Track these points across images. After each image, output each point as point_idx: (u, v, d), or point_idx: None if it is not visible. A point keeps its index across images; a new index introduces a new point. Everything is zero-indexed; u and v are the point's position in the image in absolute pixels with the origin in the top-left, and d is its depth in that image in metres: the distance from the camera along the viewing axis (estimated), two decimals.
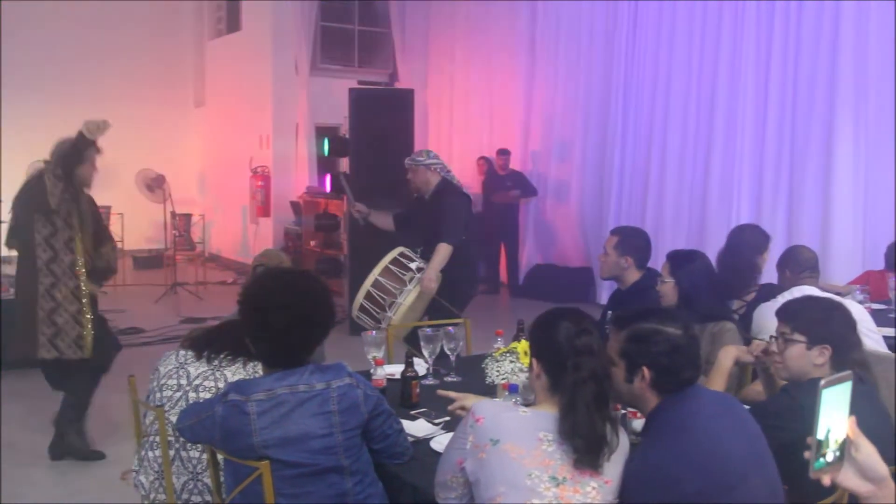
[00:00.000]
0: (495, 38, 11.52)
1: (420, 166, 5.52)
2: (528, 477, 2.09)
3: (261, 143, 12.30)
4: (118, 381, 5.69)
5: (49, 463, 4.91)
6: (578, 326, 2.23)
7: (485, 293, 10.74)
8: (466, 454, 2.19)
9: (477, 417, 2.20)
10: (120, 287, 11.01)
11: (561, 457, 2.12)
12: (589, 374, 2.16)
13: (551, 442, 2.14)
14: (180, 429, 2.57)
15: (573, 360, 2.18)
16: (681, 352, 2.22)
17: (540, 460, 2.11)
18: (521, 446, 2.13)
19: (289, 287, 2.48)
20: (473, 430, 2.19)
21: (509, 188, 10.48)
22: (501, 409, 2.24)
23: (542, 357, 2.28)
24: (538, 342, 2.31)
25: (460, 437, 2.24)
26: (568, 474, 2.11)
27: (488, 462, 2.13)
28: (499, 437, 2.14)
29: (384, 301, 4.98)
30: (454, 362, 3.61)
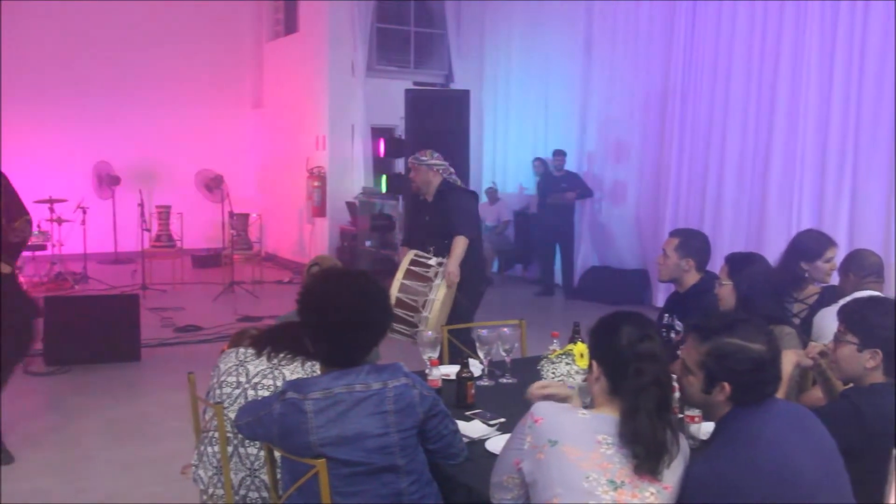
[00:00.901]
0: (551, 38, 11.47)
1: (422, 166, 5.56)
2: (586, 479, 2.08)
3: (317, 144, 12.41)
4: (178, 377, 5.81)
5: (112, 455, 5.01)
6: (641, 331, 2.21)
7: (539, 295, 10.72)
8: (524, 455, 2.18)
9: (536, 418, 2.19)
10: (179, 285, 11.21)
11: (620, 460, 2.10)
12: (651, 380, 2.14)
13: (610, 445, 2.12)
14: (239, 426, 2.60)
15: (635, 365, 2.16)
16: (764, 369, 2.18)
17: (598, 463, 2.10)
18: (579, 448, 2.11)
19: (348, 288, 2.50)
20: (532, 430, 2.18)
21: (564, 190, 10.41)
22: (560, 411, 2.24)
23: (603, 360, 2.25)
24: (599, 345, 2.29)
25: (518, 437, 2.23)
26: (626, 478, 2.09)
27: (546, 463, 2.12)
28: (557, 438, 2.13)
29: (416, 302, 4.98)
30: (509, 364, 3.61)
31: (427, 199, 5.62)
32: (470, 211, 5.48)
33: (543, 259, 11.03)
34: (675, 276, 4.02)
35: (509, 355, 3.58)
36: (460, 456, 2.61)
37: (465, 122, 8.64)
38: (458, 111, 8.62)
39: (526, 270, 12.29)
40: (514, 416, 2.97)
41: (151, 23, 13.75)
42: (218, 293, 10.44)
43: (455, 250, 5.24)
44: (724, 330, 2.21)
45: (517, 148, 12.29)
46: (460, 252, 5.24)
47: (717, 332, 2.22)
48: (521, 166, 12.18)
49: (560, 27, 11.31)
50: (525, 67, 12.06)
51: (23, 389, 6.39)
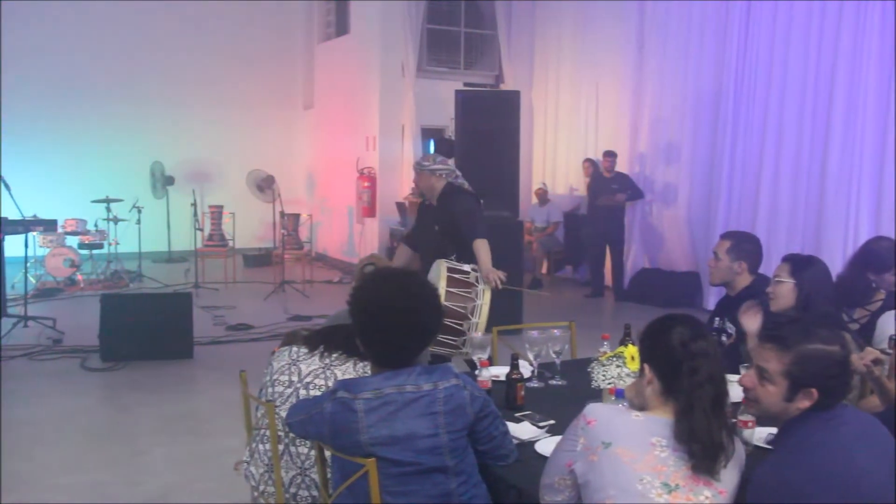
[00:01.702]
0: (602, 38, 11.40)
1: (424, 171, 5.48)
2: (640, 482, 2.07)
3: (367, 145, 12.48)
4: (230, 375, 5.90)
5: (166, 451, 5.09)
6: (693, 331, 2.21)
7: (589, 296, 10.66)
8: (576, 456, 2.18)
9: (588, 420, 2.18)
10: (231, 284, 11.35)
11: (675, 463, 2.09)
12: (706, 378, 2.14)
13: (664, 447, 2.11)
14: (290, 424, 2.62)
15: (688, 363, 2.15)
16: (846, 372, 2.18)
17: (652, 465, 2.09)
18: (632, 450, 2.10)
19: (401, 289, 2.50)
20: (585, 432, 2.18)
21: (615, 191, 10.34)
22: (614, 413, 2.23)
23: (655, 362, 2.24)
24: (651, 347, 2.28)
25: (570, 438, 2.23)
26: (681, 481, 2.08)
27: (599, 465, 2.12)
28: (611, 440, 2.13)
29: (464, 309, 4.91)
30: (559, 365, 3.59)
31: (432, 204, 5.57)
32: (475, 212, 5.44)
33: (593, 261, 10.96)
34: (726, 279, 3.97)
35: (559, 357, 3.57)
36: (510, 457, 2.61)
37: (515, 122, 8.61)
38: (509, 112, 8.59)
39: (576, 272, 12.23)
40: (563, 419, 2.96)
41: (205, 25, 13.97)
42: (269, 292, 10.55)
43: (481, 255, 5.21)
44: (804, 336, 2.19)
45: (567, 149, 12.24)
46: (487, 254, 5.20)
47: (799, 339, 2.19)
48: (571, 167, 12.13)
49: (611, 27, 11.23)
50: (575, 68, 12.00)
51: (80, 385, 6.55)
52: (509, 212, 8.55)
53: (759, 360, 2.26)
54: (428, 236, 5.54)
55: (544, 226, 11.84)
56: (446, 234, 5.39)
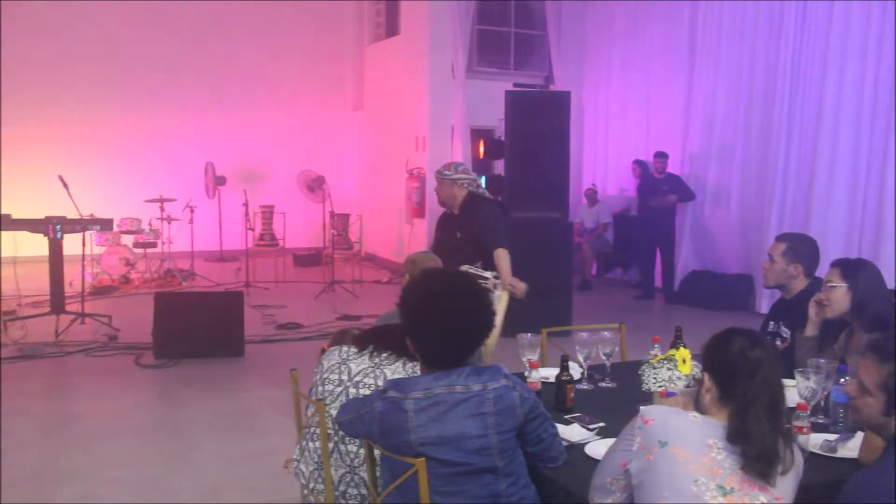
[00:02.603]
0: (654, 38, 11.30)
1: (446, 180, 5.46)
2: (695, 483, 2.06)
3: (417, 145, 12.52)
4: (280, 373, 5.96)
5: (217, 447, 5.16)
6: (751, 340, 2.23)
7: (639, 298, 10.57)
8: (632, 456, 2.18)
9: (646, 419, 2.19)
10: (281, 283, 11.46)
11: (730, 466, 2.08)
12: (762, 381, 2.15)
13: (721, 450, 2.10)
14: (340, 423, 2.64)
15: (745, 368, 2.17)
16: None
17: (708, 468, 2.08)
18: (689, 451, 2.10)
19: (453, 289, 2.51)
20: (641, 431, 2.18)
21: (666, 192, 10.24)
22: (671, 413, 2.24)
23: (714, 369, 2.26)
24: (711, 355, 2.29)
25: (626, 438, 2.23)
26: (737, 485, 2.06)
27: (655, 465, 2.12)
28: (667, 439, 2.13)
29: None
30: (609, 368, 3.57)
31: (454, 213, 5.56)
32: (498, 221, 5.44)
33: (643, 262, 10.87)
34: (781, 282, 3.90)
35: (609, 359, 3.54)
36: (559, 459, 2.60)
37: (565, 123, 8.56)
38: (559, 112, 8.54)
39: (625, 273, 12.14)
40: (613, 421, 2.95)
41: (256, 26, 14.14)
42: (318, 292, 10.63)
43: (502, 264, 5.25)
44: None
45: (618, 150, 12.16)
46: (508, 263, 5.25)
47: None
48: (621, 168, 12.04)
49: (663, 27, 11.14)
50: (626, 68, 11.92)
51: (134, 381, 6.67)
52: (559, 213, 8.51)
53: (859, 371, 2.24)
54: (450, 245, 5.55)
55: (594, 227, 11.77)
56: (469, 243, 5.39)
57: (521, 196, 8.45)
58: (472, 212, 5.41)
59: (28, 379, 6.65)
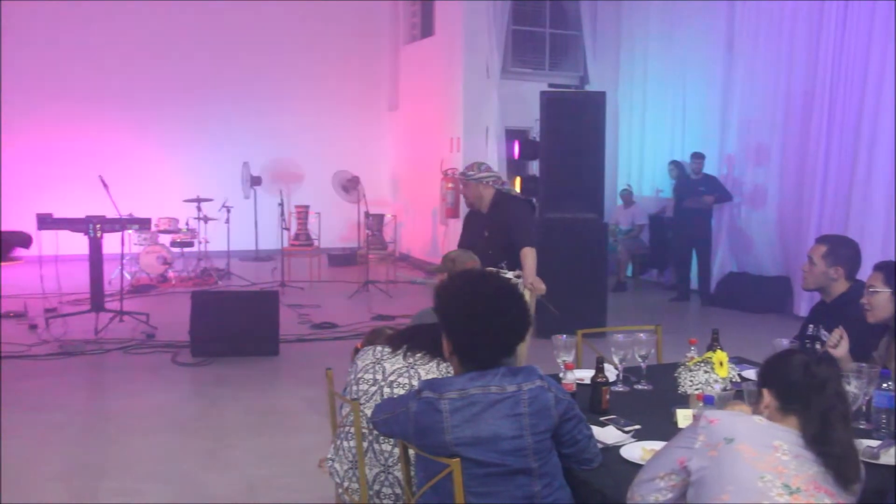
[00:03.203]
0: (690, 38, 11.20)
1: (471, 181, 5.46)
2: (761, 479, 2.06)
3: (451, 146, 12.52)
4: (314, 372, 5.99)
5: (252, 445, 5.20)
6: (814, 358, 2.26)
7: (675, 300, 10.49)
8: (693, 453, 2.17)
9: (710, 419, 2.20)
10: (316, 283, 11.52)
11: (796, 467, 2.08)
12: (834, 395, 2.17)
13: (786, 452, 2.10)
14: (375, 422, 2.65)
15: (813, 382, 2.18)
16: None
17: (773, 466, 2.08)
18: (755, 448, 2.10)
19: (490, 290, 2.51)
20: (706, 430, 2.18)
21: (702, 193, 10.15)
22: (736, 415, 2.26)
23: (773, 385, 2.27)
24: (771, 372, 2.31)
25: (688, 436, 2.23)
26: (803, 485, 2.06)
27: (719, 460, 2.12)
28: (734, 435, 2.13)
29: None
30: (644, 370, 3.54)
31: (482, 212, 5.55)
32: (528, 220, 5.44)
33: (679, 264, 10.79)
34: (821, 285, 3.85)
35: (645, 361, 3.52)
36: (594, 461, 2.59)
37: (600, 124, 8.51)
38: (594, 113, 8.50)
39: (661, 275, 12.06)
40: (649, 424, 2.93)
41: (293, 27, 14.23)
42: (353, 291, 10.67)
43: (527, 262, 5.24)
44: None
45: (653, 150, 12.07)
46: (533, 263, 5.25)
47: None
48: (657, 169, 11.96)
49: (699, 27, 11.04)
50: (662, 68, 11.83)
51: (171, 378, 6.74)
52: (594, 214, 8.47)
53: None
54: (476, 244, 5.54)
55: (629, 228, 11.71)
56: (496, 242, 5.38)
57: (556, 197, 8.42)
58: (501, 210, 5.42)
59: (68, 375, 6.75)
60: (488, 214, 5.49)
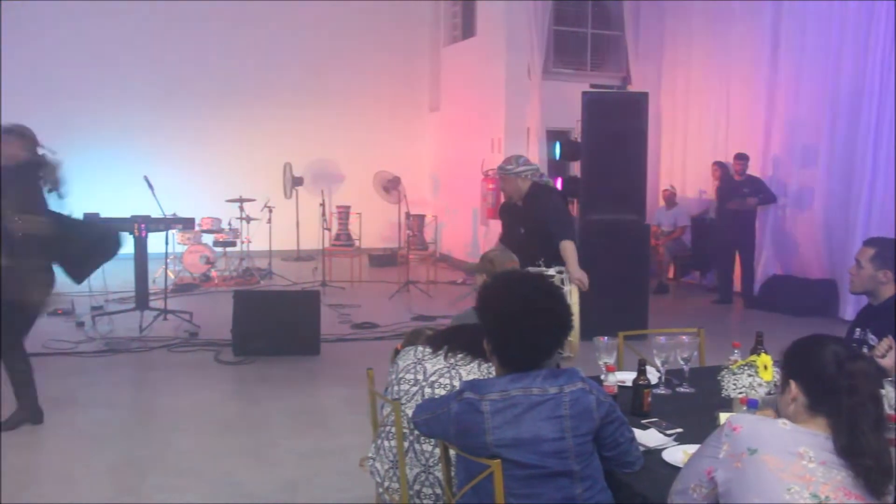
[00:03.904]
0: (735, 37, 11.08)
1: (510, 175, 5.48)
2: (788, 491, 2.01)
3: (492, 147, 12.51)
4: (355, 372, 6.01)
5: (293, 444, 5.23)
6: (848, 350, 2.16)
7: (717, 303, 10.38)
8: (718, 463, 2.13)
9: (734, 426, 2.14)
10: (356, 283, 11.58)
11: (823, 475, 2.02)
12: (868, 397, 2.08)
13: (812, 459, 2.04)
14: (416, 422, 2.65)
15: (846, 381, 2.09)
16: None
17: (800, 475, 2.02)
18: (779, 458, 2.05)
19: (535, 290, 2.50)
20: (729, 438, 2.13)
21: (746, 195, 10.03)
22: (760, 421, 2.18)
23: (803, 378, 2.19)
24: (800, 363, 2.22)
25: (713, 445, 2.19)
26: (832, 493, 2.01)
27: (744, 472, 2.07)
28: (757, 446, 2.08)
29: None
30: (687, 372, 3.51)
31: (517, 204, 5.55)
32: (564, 212, 5.42)
33: (722, 266, 10.66)
34: (869, 288, 3.78)
35: (688, 364, 3.49)
36: (636, 465, 2.57)
37: (642, 124, 8.44)
38: (636, 113, 8.43)
39: (703, 277, 11.93)
40: (691, 427, 2.90)
41: (334, 28, 14.31)
42: (393, 292, 10.70)
43: (568, 256, 5.18)
44: None
45: (696, 151, 11.96)
46: (574, 255, 5.20)
47: None
48: (700, 170, 11.84)
49: (743, 26, 10.91)
50: (706, 68, 11.71)
51: (214, 376, 6.81)
52: (635, 215, 8.40)
53: None
54: (514, 238, 5.52)
55: (671, 229, 11.60)
56: (533, 235, 5.34)
57: (598, 198, 8.37)
58: (535, 202, 5.42)
59: (113, 372, 6.86)
60: (524, 207, 5.48)
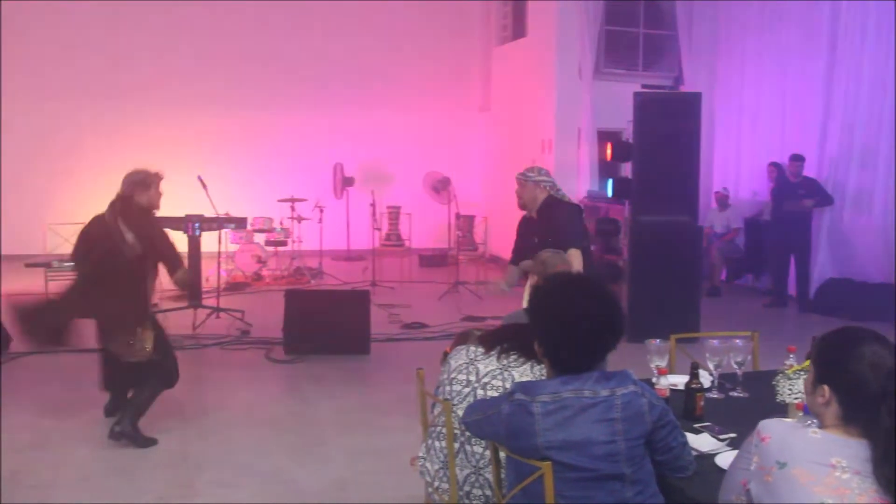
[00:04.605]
0: (791, 37, 10.89)
1: (529, 182, 5.63)
2: None
3: (543, 148, 12.46)
4: (404, 372, 6.04)
5: (343, 442, 5.28)
6: (887, 350, 2.01)
7: (770, 306, 10.22)
8: (751, 475, 2.07)
9: (762, 437, 2.07)
10: (406, 283, 11.62)
11: (858, 486, 1.93)
12: None
13: (846, 469, 1.95)
14: (466, 423, 2.66)
15: (884, 387, 1.97)
16: None
17: (833, 488, 1.93)
18: (810, 472, 1.95)
19: (585, 295, 2.49)
20: (758, 450, 2.07)
21: (801, 196, 9.85)
22: (789, 429, 2.08)
23: (836, 383, 2.05)
24: (831, 366, 2.08)
25: (744, 456, 2.13)
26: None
27: (775, 487, 1.99)
28: (786, 459, 1.99)
29: None
30: (740, 377, 3.47)
31: (533, 217, 5.67)
32: (575, 223, 5.52)
33: (777, 268, 10.48)
34: None
35: (741, 368, 3.44)
36: (688, 469, 2.54)
37: (695, 125, 8.34)
38: (689, 114, 8.33)
39: (756, 280, 11.75)
40: (745, 432, 2.83)
41: (384, 27, 14.37)
42: (443, 292, 10.72)
43: (573, 263, 5.18)
44: None
45: (750, 152, 11.78)
46: (579, 265, 5.22)
47: None
48: (754, 171, 11.66)
49: (800, 25, 10.71)
50: (760, 68, 11.53)
51: (265, 374, 6.90)
52: (688, 216, 8.31)
53: None
54: (528, 249, 5.56)
55: (724, 231, 11.45)
56: (544, 245, 5.37)
57: (650, 199, 8.30)
58: (548, 214, 5.56)
59: None
60: (538, 218, 5.62)
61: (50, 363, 7.07)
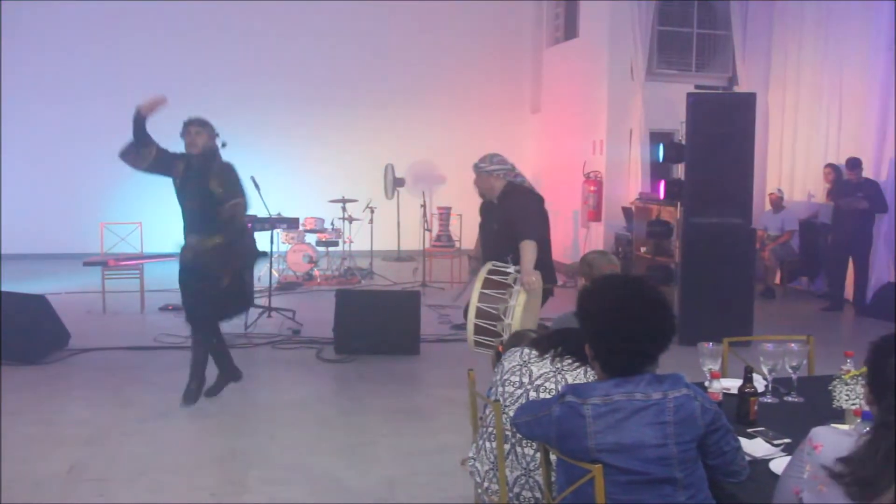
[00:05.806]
0: (848, 37, 10.68)
1: (482, 173, 5.54)
2: None
3: (594, 149, 12.39)
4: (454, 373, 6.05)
5: (393, 442, 5.30)
6: None
7: (826, 310, 10.03)
8: (804, 484, 2.03)
9: (815, 444, 2.03)
10: (457, 284, 11.62)
11: None
12: None
13: None
14: (517, 424, 2.65)
15: None
16: None
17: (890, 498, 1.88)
18: None
19: (635, 298, 2.47)
20: (811, 458, 2.03)
21: (860, 197, 9.63)
22: (843, 437, 2.03)
23: (877, 391, 2.01)
24: (873, 371, 2.03)
25: (797, 464, 2.09)
26: None
27: (828, 496, 1.95)
28: None
29: (496, 311, 4.94)
30: (795, 381, 3.41)
31: (494, 203, 5.59)
32: (533, 213, 5.39)
33: (834, 271, 10.28)
34: None
35: (796, 372, 3.39)
36: (742, 474, 2.51)
37: (749, 126, 8.22)
38: (743, 115, 8.21)
39: (812, 283, 11.55)
40: (799, 438, 2.79)
41: (436, 30, 14.42)
42: None
43: (524, 256, 5.14)
44: None
45: (805, 153, 11.58)
46: (531, 257, 5.14)
47: None
48: (809, 173, 11.46)
49: (858, 25, 10.51)
50: (816, 68, 11.33)
51: (315, 374, 6.95)
52: (741, 218, 8.20)
53: None
54: (488, 237, 5.55)
55: (778, 234, 11.27)
56: (502, 233, 5.34)
57: (702, 201, 8.20)
58: (506, 203, 5.48)
59: None
60: (498, 205, 5.56)
61: (108, 359, 7.23)
